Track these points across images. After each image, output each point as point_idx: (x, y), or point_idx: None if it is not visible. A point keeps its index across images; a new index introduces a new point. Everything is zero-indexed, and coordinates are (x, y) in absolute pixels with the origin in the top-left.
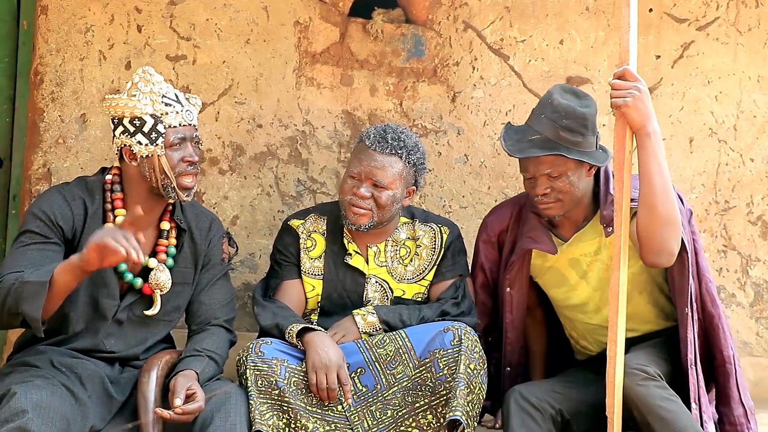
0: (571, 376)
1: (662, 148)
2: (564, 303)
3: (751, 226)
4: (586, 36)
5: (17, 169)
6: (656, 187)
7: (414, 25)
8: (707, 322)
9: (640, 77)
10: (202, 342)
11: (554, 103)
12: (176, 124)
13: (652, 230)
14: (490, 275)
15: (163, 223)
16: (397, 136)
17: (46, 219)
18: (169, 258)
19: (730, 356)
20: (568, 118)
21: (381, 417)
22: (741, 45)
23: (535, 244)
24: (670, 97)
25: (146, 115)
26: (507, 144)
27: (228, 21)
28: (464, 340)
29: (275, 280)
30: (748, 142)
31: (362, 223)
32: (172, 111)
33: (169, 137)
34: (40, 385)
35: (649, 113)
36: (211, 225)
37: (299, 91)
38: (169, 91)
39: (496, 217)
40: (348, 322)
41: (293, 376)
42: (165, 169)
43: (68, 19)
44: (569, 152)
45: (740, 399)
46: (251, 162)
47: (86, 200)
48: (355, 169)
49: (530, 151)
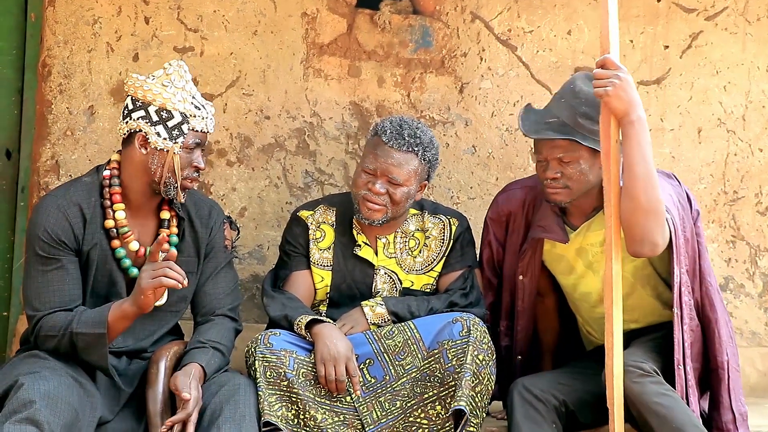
0: (577, 367)
1: (647, 136)
2: (572, 291)
3: (759, 216)
4: (595, 26)
5: (25, 161)
6: (638, 175)
7: (421, 16)
8: (704, 325)
9: (621, 65)
10: (207, 333)
11: (576, 89)
12: (199, 129)
13: (634, 219)
14: (496, 254)
15: (163, 212)
16: (413, 133)
17: (50, 240)
18: (172, 247)
19: (724, 362)
20: (588, 106)
21: (390, 408)
22: (750, 35)
23: (546, 234)
24: (679, 88)
25: (176, 111)
26: (524, 124)
27: (235, 12)
28: (473, 330)
29: (284, 271)
30: (756, 132)
31: (376, 219)
32: (199, 115)
33: (188, 139)
34: (48, 376)
35: (632, 101)
36: (211, 212)
37: (307, 82)
38: (197, 94)
39: (508, 198)
40: (357, 314)
41: (302, 368)
42: (175, 169)
43: (76, 11)
44: (584, 139)
45: (730, 405)
46: (259, 153)
47: (82, 204)
48: (371, 165)
49: (545, 133)
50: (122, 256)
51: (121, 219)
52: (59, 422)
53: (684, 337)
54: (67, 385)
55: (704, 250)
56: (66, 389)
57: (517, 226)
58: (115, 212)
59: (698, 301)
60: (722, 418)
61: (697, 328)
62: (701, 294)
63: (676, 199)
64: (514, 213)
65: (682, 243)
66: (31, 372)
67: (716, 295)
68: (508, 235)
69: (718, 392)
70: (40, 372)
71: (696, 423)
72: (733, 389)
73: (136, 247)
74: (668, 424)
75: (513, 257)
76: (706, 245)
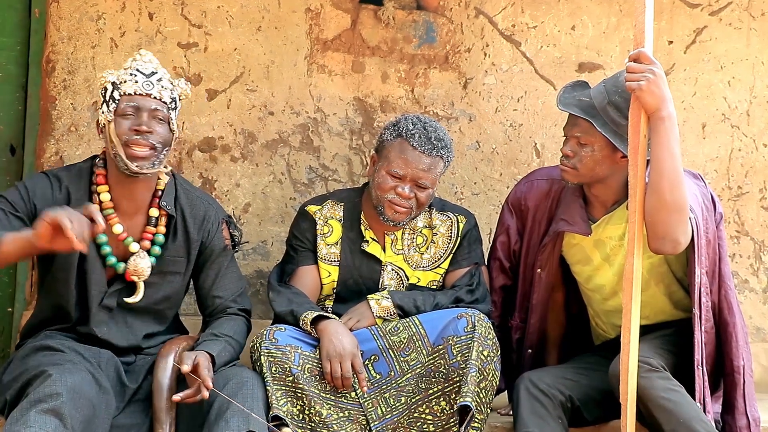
0: (584, 362)
1: (676, 133)
2: (586, 282)
3: (764, 211)
4: (598, 21)
5: (30, 157)
6: (665, 172)
7: (425, 11)
8: (721, 329)
9: (655, 60)
10: (220, 327)
11: (619, 78)
12: (131, 92)
13: (657, 216)
14: (514, 243)
15: (152, 209)
16: (438, 136)
17: (24, 193)
18: (156, 246)
19: (740, 366)
20: (621, 96)
21: (394, 404)
22: (754, 30)
23: (569, 227)
24: (683, 83)
25: (108, 83)
26: (562, 93)
27: (239, 8)
28: (478, 326)
29: (291, 265)
30: (761, 127)
31: (401, 221)
32: (131, 80)
33: (121, 104)
34: (72, 370)
35: (664, 97)
36: (206, 214)
37: (311, 78)
38: (149, 68)
39: (532, 188)
40: (363, 307)
41: (307, 363)
42: (112, 137)
43: (80, 7)
44: (603, 126)
45: (745, 410)
46: (263, 149)
47: (71, 187)
48: (401, 171)
49: (571, 108)
50: (103, 242)
51: (107, 201)
52: (80, 417)
53: (702, 338)
54: (88, 381)
55: (725, 252)
56: (87, 385)
57: (539, 219)
58: (100, 194)
59: (715, 304)
60: (737, 423)
61: (711, 330)
62: (719, 297)
63: (701, 200)
64: (537, 205)
65: (703, 244)
66: (56, 364)
67: (734, 299)
68: (529, 227)
69: (733, 397)
70: (64, 365)
71: (703, 418)
72: (747, 394)
73: (119, 230)
74: (675, 418)
75: (532, 249)
76: (727, 248)
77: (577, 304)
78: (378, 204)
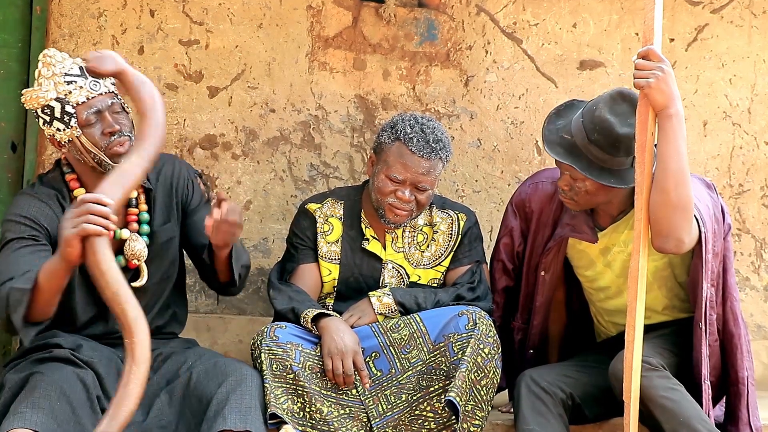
0: (584, 360)
1: (683, 131)
2: (590, 283)
3: (765, 209)
4: (600, 19)
5: (31, 155)
6: (671, 170)
7: (427, 9)
8: (726, 339)
9: (664, 57)
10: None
11: (596, 113)
12: (83, 100)
13: (662, 213)
14: (518, 245)
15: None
16: (436, 137)
17: (30, 223)
18: (144, 225)
19: (744, 378)
20: (601, 134)
21: (395, 401)
22: (755, 28)
23: (575, 234)
24: (684, 81)
25: (51, 100)
26: (546, 125)
27: (240, 5)
28: (479, 324)
29: (291, 263)
30: (762, 125)
31: (402, 222)
32: (75, 88)
33: (81, 116)
34: (61, 367)
35: (673, 95)
36: (174, 170)
37: (312, 75)
38: (74, 67)
39: (536, 191)
40: (364, 304)
41: (308, 361)
42: (89, 148)
43: (81, 4)
44: (587, 168)
45: (748, 421)
46: (264, 147)
47: (59, 196)
48: (400, 176)
49: (555, 148)
50: None
51: None
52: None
53: (707, 352)
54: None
55: (731, 264)
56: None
57: (543, 222)
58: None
59: (720, 316)
60: None
61: (715, 343)
62: (725, 308)
63: (713, 212)
64: (541, 209)
65: (710, 258)
66: (46, 362)
67: (739, 310)
68: (533, 230)
69: (737, 407)
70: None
71: (703, 417)
72: (751, 404)
73: None
74: (675, 418)
75: (536, 252)
76: (733, 259)
77: (578, 301)
78: (378, 207)
